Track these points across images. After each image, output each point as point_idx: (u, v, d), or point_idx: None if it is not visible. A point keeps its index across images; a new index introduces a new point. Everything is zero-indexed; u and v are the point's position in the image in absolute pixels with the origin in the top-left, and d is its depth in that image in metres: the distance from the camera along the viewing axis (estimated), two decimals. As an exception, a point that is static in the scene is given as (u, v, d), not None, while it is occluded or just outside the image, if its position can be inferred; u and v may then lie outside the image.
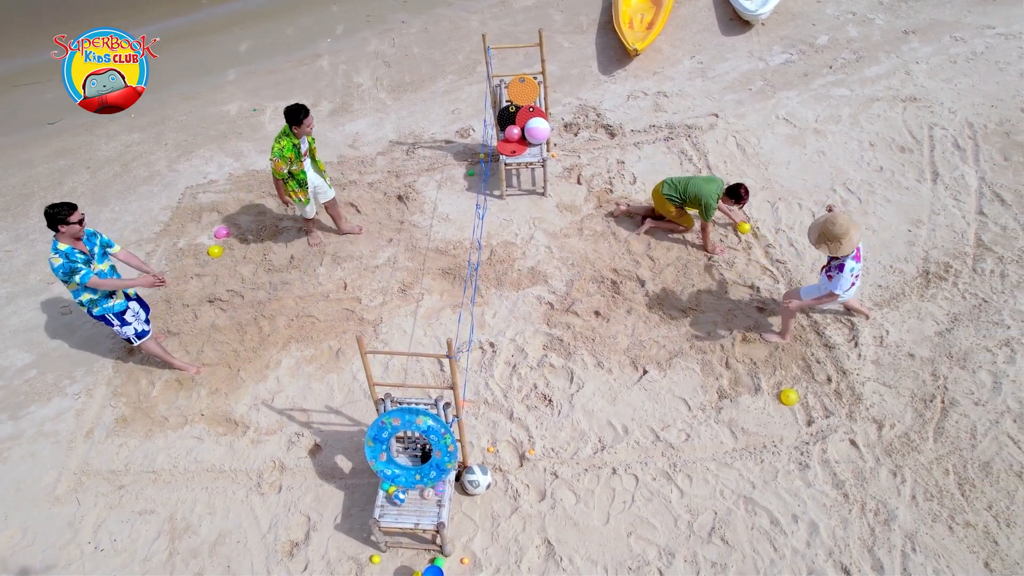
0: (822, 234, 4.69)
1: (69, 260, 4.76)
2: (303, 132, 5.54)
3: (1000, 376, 5.07)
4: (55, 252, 4.76)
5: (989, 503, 4.47)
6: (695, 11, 8.85)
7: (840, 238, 4.64)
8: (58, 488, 5.03)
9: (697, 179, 5.89)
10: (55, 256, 4.75)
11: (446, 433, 4.13)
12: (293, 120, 5.45)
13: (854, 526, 4.44)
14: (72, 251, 4.80)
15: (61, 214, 4.68)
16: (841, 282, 4.83)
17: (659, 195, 6.01)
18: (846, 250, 4.68)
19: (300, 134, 5.55)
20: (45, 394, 5.64)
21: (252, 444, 5.16)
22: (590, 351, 5.49)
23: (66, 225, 4.70)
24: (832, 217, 4.68)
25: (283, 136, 5.54)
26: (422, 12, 9.47)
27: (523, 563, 4.42)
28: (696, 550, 4.41)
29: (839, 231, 4.62)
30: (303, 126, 5.49)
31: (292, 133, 5.53)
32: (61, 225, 4.70)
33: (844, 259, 4.78)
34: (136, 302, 5.32)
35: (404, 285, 6.11)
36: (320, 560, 4.54)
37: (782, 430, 4.94)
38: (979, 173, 6.53)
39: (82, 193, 7.42)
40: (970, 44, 7.96)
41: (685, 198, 5.90)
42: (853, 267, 4.82)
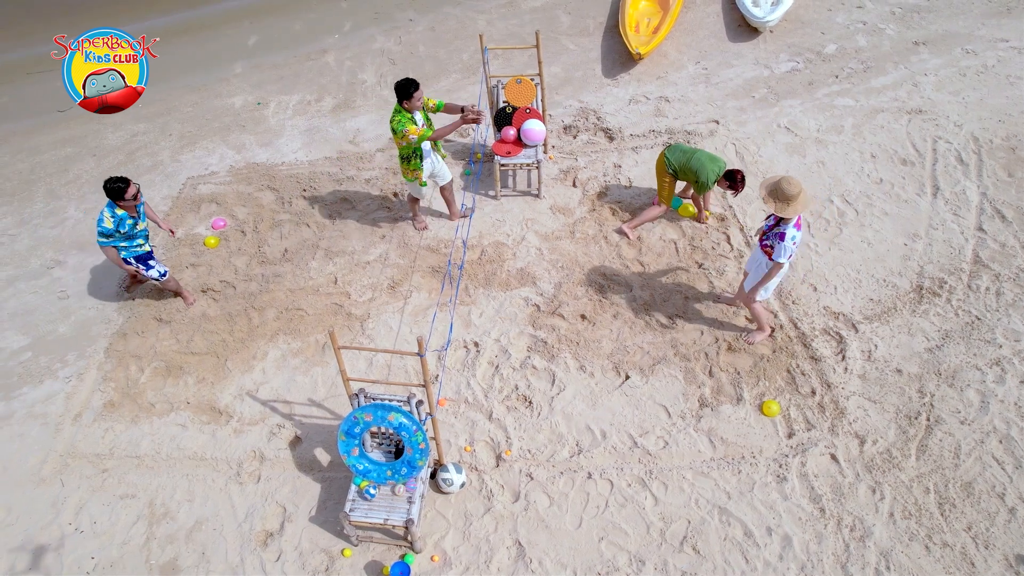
0: (775, 190, 4.62)
1: (117, 226, 5.41)
2: (414, 106, 5.50)
3: (988, 396, 4.98)
4: (110, 214, 5.38)
5: (968, 524, 4.40)
6: (703, 17, 8.79)
7: (791, 199, 4.57)
8: (43, 469, 5.12)
9: (702, 154, 5.87)
10: (109, 217, 5.38)
11: (417, 430, 4.15)
12: (404, 94, 5.42)
13: (829, 541, 4.39)
14: (125, 216, 5.43)
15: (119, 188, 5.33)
16: (783, 250, 4.76)
17: (662, 160, 5.98)
18: (791, 212, 4.60)
19: (411, 108, 5.50)
20: (38, 376, 5.75)
21: (234, 433, 5.22)
22: (574, 354, 5.48)
23: (123, 200, 5.35)
24: (788, 177, 4.63)
25: (396, 113, 5.53)
26: (430, 11, 9.50)
27: (492, 563, 4.43)
28: (667, 558, 4.39)
29: (793, 191, 4.56)
30: (413, 99, 5.44)
31: (403, 108, 5.51)
32: (119, 200, 5.34)
33: (785, 227, 4.71)
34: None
35: (393, 282, 6.14)
36: (293, 551, 4.58)
37: (762, 441, 4.90)
38: (981, 188, 6.42)
39: (86, 180, 7.55)
40: (981, 57, 7.83)
41: (683, 169, 5.89)
42: (794, 235, 4.75)
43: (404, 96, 5.44)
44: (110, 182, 5.33)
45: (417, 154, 5.77)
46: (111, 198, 5.37)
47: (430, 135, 5.63)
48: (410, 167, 5.86)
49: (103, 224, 5.41)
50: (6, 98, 8.74)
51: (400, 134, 5.54)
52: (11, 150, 8.03)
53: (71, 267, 6.63)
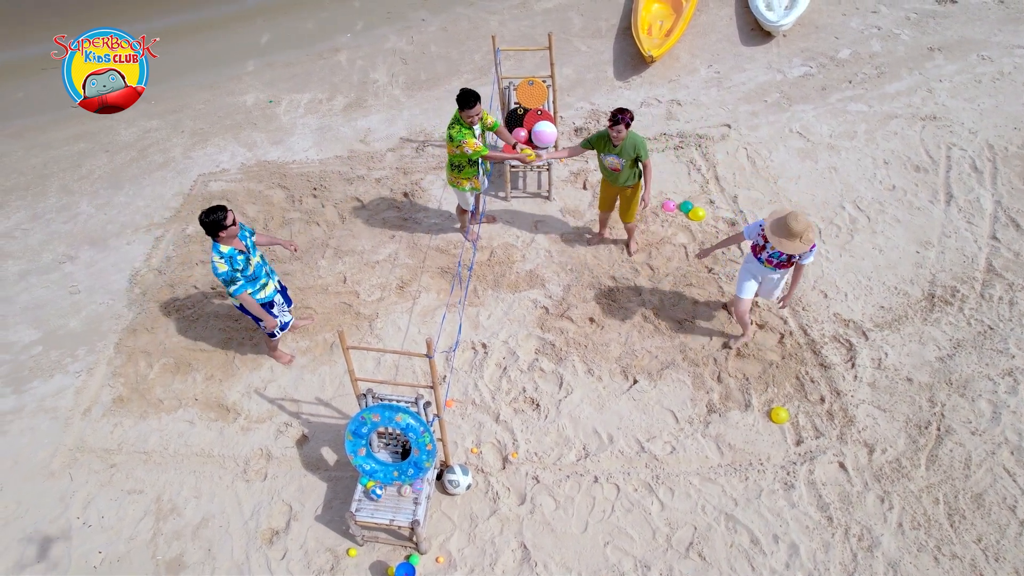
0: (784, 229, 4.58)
1: (232, 266, 4.73)
2: (471, 119, 5.43)
3: (1000, 406, 4.93)
4: (219, 256, 4.68)
5: (979, 536, 4.36)
6: (716, 20, 8.75)
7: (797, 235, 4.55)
8: (53, 463, 5.16)
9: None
10: (220, 260, 4.68)
11: (424, 431, 4.15)
12: (464, 103, 5.35)
13: (836, 550, 4.36)
14: (234, 253, 4.74)
15: (220, 219, 4.58)
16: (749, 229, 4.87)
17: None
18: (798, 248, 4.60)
19: (468, 119, 5.44)
20: (48, 370, 5.79)
21: (242, 431, 5.24)
22: (582, 357, 5.47)
23: (224, 230, 4.63)
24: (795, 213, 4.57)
25: (455, 123, 5.50)
26: (442, 11, 9.50)
27: (497, 566, 4.42)
28: (673, 564, 4.37)
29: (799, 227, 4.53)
30: (470, 112, 5.37)
31: (462, 118, 5.47)
32: (221, 232, 4.63)
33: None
34: (281, 294, 5.29)
35: (403, 282, 6.15)
36: (299, 549, 4.59)
37: (770, 448, 4.87)
38: (995, 197, 6.36)
39: (99, 176, 7.59)
40: (997, 63, 7.76)
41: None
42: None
43: (464, 106, 5.35)
44: (205, 215, 4.58)
45: (472, 162, 5.69)
46: (211, 234, 4.64)
47: (485, 153, 5.59)
48: (462, 175, 5.75)
49: (218, 271, 4.69)
50: (21, 93, 8.80)
51: (457, 143, 5.49)
52: (25, 145, 8.09)
53: (83, 262, 6.67)
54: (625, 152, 5.34)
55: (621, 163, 5.41)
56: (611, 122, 5.17)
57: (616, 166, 5.44)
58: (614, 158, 5.39)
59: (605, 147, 5.38)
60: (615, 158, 5.38)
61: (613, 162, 5.42)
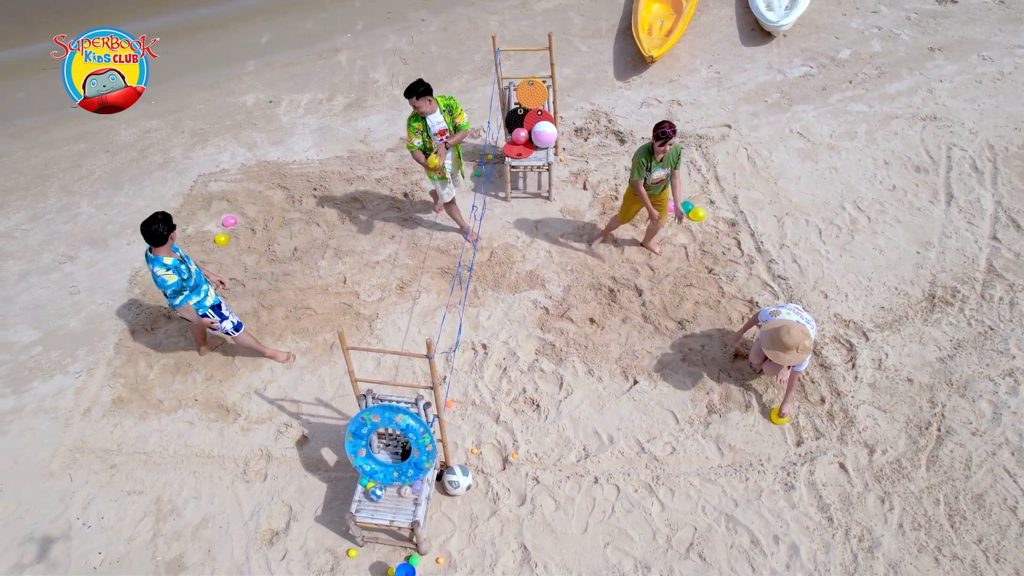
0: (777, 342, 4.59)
1: (180, 276, 4.67)
2: (417, 108, 5.48)
3: (1001, 407, 4.93)
4: (164, 268, 4.59)
5: (979, 537, 4.35)
6: (716, 20, 8.75)
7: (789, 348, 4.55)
8: (53, 463, 5.15)
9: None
10: (167, 272, 4.60)
11: (424, 432, 4.15)
12: (407, 94, 5.43)
13: (836, 551, 4.35)
14: (177, 263, 4.67)
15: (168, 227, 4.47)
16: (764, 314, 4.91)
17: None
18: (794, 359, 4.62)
19: (415, 108, 5.49)
20: (48, 371, 5.78)
21: (242, 432, 5.23)
22: (582, 358, 5.47)
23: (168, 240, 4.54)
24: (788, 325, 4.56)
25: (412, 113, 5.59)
26: (443, 11, 9.50)
27: (498, 566, 4.42)
28: (673, 565, 4.37)
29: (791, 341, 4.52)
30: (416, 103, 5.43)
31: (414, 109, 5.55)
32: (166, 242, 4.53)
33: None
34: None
35: (403, 282, 6.15)
36: (299, 550, 4.59)
37: (770, 449, 4.87)
38: (996, 197, 6.35)
39: (99, 176, 7.59)
40: (998, 64, 7.75)
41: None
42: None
43: (408, 95, 5.42)
44: (147, 225, 4.42)
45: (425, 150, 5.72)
46: (154, 244, 4.51)
47: (415, 150, 5.68)
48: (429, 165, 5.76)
49: (166, 283, 4.62)
50: (21, 93, 8.80)
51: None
52: (25, 145, 8.09)
53: (83, 262, 6.67)
54: (668, 161, 5.43)
55: (665, 172, 5.49)
56: (660, 140, 5.17)
57: (662, 177, 5.51)
58: (660, 171, 5.45)
59: (651, 164, 5.42)
60: (661, 170, 5.45)
61: (659, 175, 5.48)
